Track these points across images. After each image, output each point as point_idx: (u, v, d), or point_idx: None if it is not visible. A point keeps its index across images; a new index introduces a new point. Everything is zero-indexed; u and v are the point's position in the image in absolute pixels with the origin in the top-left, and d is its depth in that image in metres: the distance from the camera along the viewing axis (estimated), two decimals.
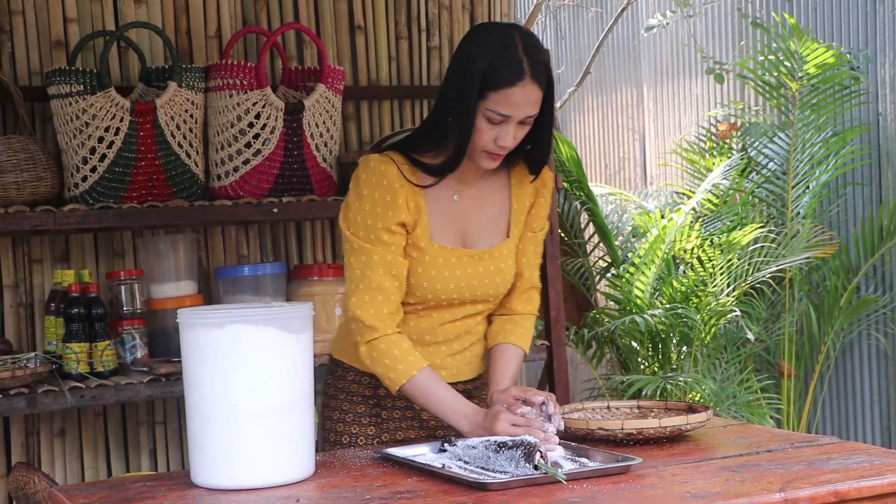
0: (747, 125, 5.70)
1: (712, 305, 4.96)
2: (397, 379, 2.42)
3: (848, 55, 5.28)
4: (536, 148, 2.55)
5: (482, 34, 2.46)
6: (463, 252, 2.52)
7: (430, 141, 2.50)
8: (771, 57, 5.35)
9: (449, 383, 2.54)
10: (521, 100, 2.38)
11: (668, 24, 6.25)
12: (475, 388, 2.67)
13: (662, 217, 5.25)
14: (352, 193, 2.50)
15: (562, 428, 2.34)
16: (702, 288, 4.99)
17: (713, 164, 5.63)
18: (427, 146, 2.50)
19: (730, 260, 4.97)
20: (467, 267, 2.52)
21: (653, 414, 2.56)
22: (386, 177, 2.44)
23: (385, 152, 2.50)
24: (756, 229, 5.03)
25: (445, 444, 2.29)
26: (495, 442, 2.16)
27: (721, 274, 4.97)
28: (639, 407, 2.63)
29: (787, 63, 5.27)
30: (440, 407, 2.42)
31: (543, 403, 2.36)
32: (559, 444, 2.27)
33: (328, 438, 2.63)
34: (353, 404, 2.60)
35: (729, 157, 5.54)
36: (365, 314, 2.43)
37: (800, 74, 5.25)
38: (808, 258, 5.01)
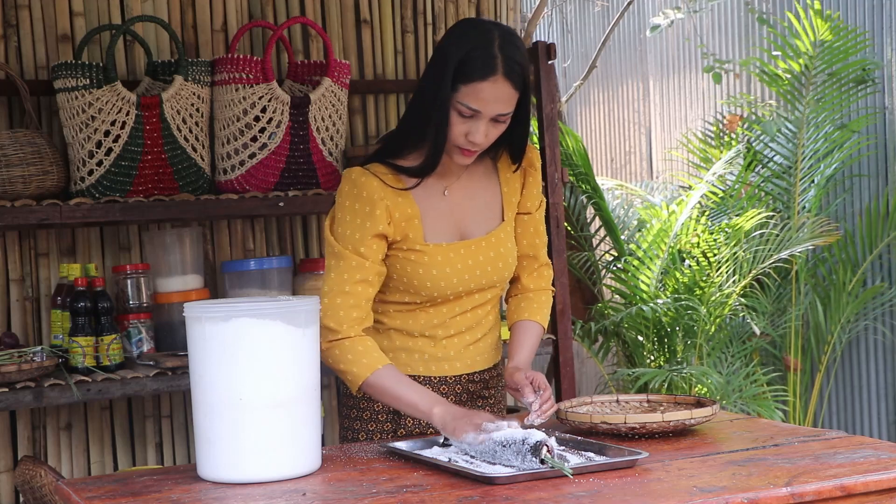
0: (754, 117, 5.69)
1: (716, 297, 4.95)
2: (360, 373, 2.39)
3: (854, 33, 5.26)
4: (512, 144, 2.55)
5: (462, 27, 2.47)
6: (460, 245, 2.52)
7: (408, 141, 2.49)
8: (777, 53, 5.33)
9: (464, 374, 2.57)
10: (491, 96, 2.36)
11: (672, 22, 6.24)
12: (491, 378, 2.66)
13: (668, 209, 5.24)
14: (336, 204, 2.51)
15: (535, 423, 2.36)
16: (706, 280, 4.98)
17: (719, 156, 5.62)
18: (405, 147, 2.50)
19: (735, 253, 4.96)
20: (467, 259, 2.52)
21: (662, 408, 2.55)
22: (365, 188, 2.45)
23: (366, 165, 2.50)
24: (758, 215, 5.02)
25: (450, 438, 2.29)
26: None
27: (725, 264, 4.96)
28: (648, 401, 2.62)
29: (792, 55, 5.26)
30: (409, 395, 2.37)
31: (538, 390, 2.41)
32: (563, 439, 2.27)
33: (346, 437, 2.62)
34: (371, 402, 2.57)
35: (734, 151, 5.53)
36: (331, 319, 2.42)
37: (808, 66, 5.24)
38: (811, 246, 4.99)
